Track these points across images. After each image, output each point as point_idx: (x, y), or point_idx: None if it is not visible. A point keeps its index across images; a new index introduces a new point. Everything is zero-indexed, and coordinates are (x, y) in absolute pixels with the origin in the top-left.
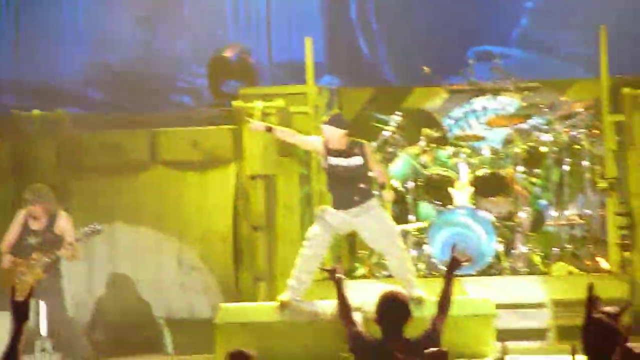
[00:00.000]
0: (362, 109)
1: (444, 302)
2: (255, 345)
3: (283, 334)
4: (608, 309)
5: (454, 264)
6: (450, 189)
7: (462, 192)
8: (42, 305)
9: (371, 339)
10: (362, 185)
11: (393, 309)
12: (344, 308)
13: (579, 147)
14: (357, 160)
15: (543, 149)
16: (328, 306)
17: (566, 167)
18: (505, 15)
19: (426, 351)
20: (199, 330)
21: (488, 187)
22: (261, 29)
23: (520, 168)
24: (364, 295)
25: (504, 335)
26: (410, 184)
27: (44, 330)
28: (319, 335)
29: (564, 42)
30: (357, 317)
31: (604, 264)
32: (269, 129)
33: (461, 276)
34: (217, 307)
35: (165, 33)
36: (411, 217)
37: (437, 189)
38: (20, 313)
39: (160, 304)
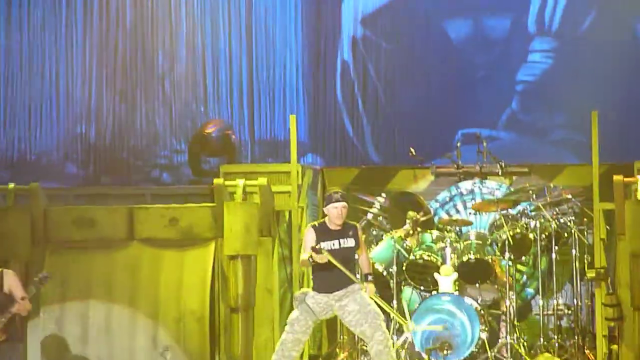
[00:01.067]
0: (345, 189)
1: None
2: None
3: None
4: None
5: None
6: (435, 275)
7: (446, 278)
8: None
9: None
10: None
11: None
12: None
13: (567, 235)
14: (350, 242)
15: (531, 236)
16: None
17: (554, 256)
18: (494, 98)
19: None
20: None
21: (473, 273)
22: (244, 106)
23: (507, 255)
24: None
25: None
26: (394, 268)
27: None
28: None
29: (555, 127)
30: None
31: (591, 356)
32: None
33: None
34: None
35: (145, 108)
36: (394, 303)
37: (421, 274)
38: None
39: None
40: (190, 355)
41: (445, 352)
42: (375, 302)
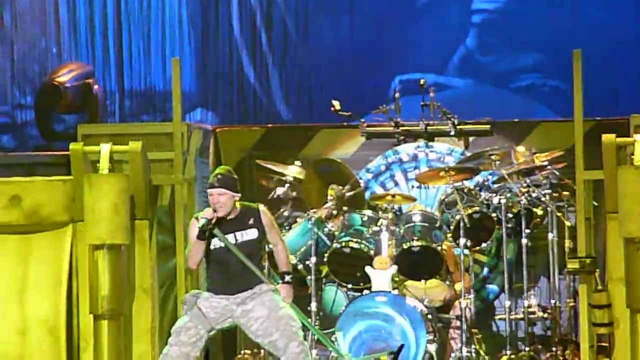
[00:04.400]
0: (247, 156)
1: None
2: None
3: None
4: None
5: None
6: (366, 268)
7: (382, 273)
8: None
9: None
10: (253, 265)
11: None
12: None
13: (542, 214)
14: (250, 234)
15: (493, 215)
16: None
17: (524, 241)
18: (443, 33)
19: None
20: None
21: (417, 266)
22: (110, 46)
23: (462, 241)
24: None
25: None
26: (312, 260)
27: None
28: None
29: (523, 70)
30: None
31: None
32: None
33: None
34: None
35: None
36: (313, 306)
37: (348, 268)
38: None
39: None
40: None
41: None
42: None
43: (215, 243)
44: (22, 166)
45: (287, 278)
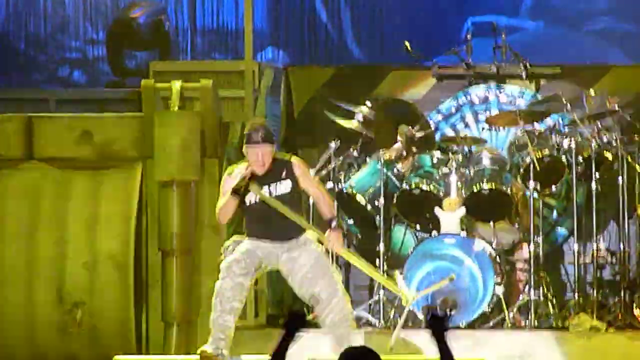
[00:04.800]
0: (317, 95)
1: None
2: None
3: None
4: None
5: (438, 324)
6: (435, 210)
7: (451, 215)
8: None
9: None
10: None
11: None
12: None
13: (612, 158)
14: (284, 187)
15: (563, 159)
16: None
17: (594, 186)
18: None
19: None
20: None
21: (487, 208)
22: None
23: (532, 184)
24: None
25: None
26: (381, 201)
27: None
28: None
29: (596, 13)
30: None
31: None
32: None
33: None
34: (111, 359)
35: None
36: (381, 246)
37: (417, 209)
38: None
39: (30, 350)
40: (108, 313)
41: (448, 311)
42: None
43: (251, 198)
44: (93, 102)
45: (334, 224)
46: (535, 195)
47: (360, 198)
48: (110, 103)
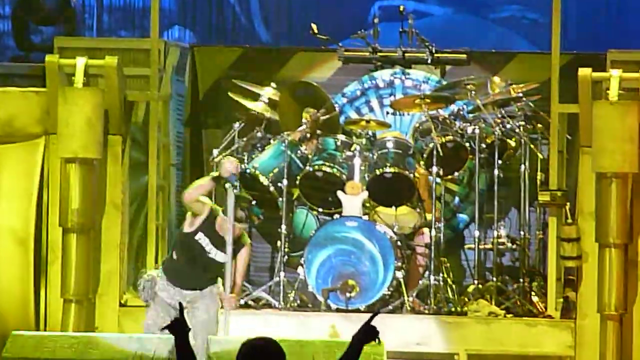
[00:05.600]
0: (223, 76)
1: None
2: None
3: None
4: None
5: (368, 334)
6: (338, 193)
7: (353, 198)
8: None
9: None
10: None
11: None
12: None
13: (515, 145)
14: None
15: (467, 145)
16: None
17: (497, 172)
18: None
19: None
20: None
21: (389, 192)
22: None
23: (435, 169)
24: None
25: None
26: (284, 183)
27: None
28: None
29: (503, 2)
30: None
31: (540, 305)
32: None
33: (344, 311)
34: (8, 335)
35: None
36: (283, 228)
37: (320, 192)
38: None
39: None
40: (8, 288)
41: (348, 294)
42: None
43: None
44: None
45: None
46: (438, 180)
47: (263, 179)
48: (14, 78)
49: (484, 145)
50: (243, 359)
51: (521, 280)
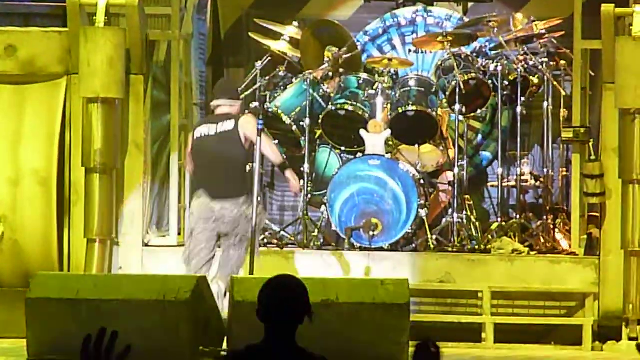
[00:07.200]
0: (244, 14)
1: None
2: (82, 329)
3: (120, 315)
4: None
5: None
6: (361, 131)
7: (376, 136)
8: None
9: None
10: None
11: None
12: None
13: (538, 82)
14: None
15: (490, 82)
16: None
17: (519, 109)
18: None
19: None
20: (5, 305)
21: (412, 130)
22: None
23: (457, 107)
24: None
25: (426, 332)
26: (307, 122)
27: None
28: (165, 317)
29: None
30: None
31: (563, 242)
32: None
33: (368, 250)
34: (32, 276)
35: None
36: (305, 167)
37: (343, 130)
38: None
39: None
40: (31, 229)
41: (371, 232)
42: None
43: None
44: (18, 16)
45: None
46: (461, 118)
47: (285, 118)
48: (35, 18)
49: (506, 83)
50: (266, 297)
51: (544, 217)
